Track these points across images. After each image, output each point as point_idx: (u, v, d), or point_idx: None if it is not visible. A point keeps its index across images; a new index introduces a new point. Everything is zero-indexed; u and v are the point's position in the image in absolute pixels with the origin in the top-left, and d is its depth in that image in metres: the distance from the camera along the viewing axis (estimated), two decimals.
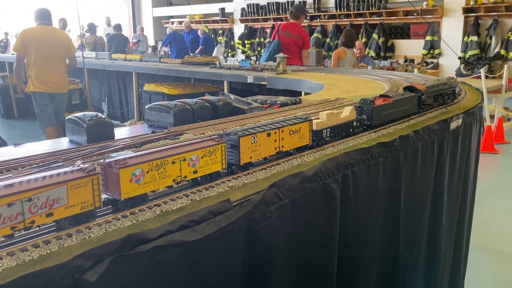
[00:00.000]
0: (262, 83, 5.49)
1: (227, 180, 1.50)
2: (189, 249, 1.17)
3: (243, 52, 16.58)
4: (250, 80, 5.61)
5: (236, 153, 1.54)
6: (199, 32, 13.71)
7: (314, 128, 1.87)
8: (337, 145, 1.95)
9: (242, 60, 6.43)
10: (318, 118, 1.93)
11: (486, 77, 8.51)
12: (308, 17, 14.34)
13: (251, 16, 16.22)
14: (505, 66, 8.92)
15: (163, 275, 1.12)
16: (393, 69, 8.72)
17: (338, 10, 14.00)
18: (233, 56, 16.65)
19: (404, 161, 2.13)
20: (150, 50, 15.18)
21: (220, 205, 1.30)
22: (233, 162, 1.55)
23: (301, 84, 4.90)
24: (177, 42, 11.88)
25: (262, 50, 15.85)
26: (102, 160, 1.24)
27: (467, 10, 11.78)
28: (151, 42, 19.14)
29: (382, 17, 13.25)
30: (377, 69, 7.45)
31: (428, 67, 12.03)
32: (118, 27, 13.39)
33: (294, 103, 3.05)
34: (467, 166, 2.95)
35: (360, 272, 1.98)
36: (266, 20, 15.88)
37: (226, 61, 7.06)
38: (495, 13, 11.48)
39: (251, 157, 1.59)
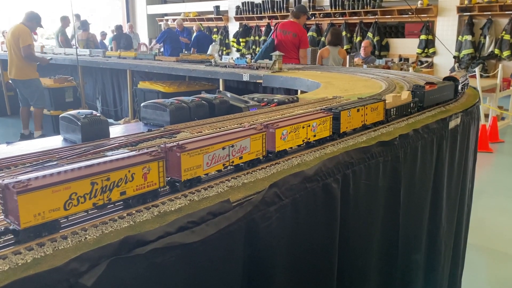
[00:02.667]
0: (257, 81, 5.45)
1: (226, 180, 1.46)
2: (188, 251, 1.13)
3: (238, 50, 16.53)
4: (245, 78, 5.57)
5: (337, 124, 1.94)
6: (194, 28, 13.63)
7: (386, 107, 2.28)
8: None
9: (237, 58, 6.39)
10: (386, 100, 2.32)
11: (481, 76, 8.53)
12: None
13: (246, 14, 16.16)
14: (500, 65, 8.95)
15: (161, 278, 1.09)
16: (388, 68, 8.70)
17: (333, 9, 13.99)
18: (227, 54, 16.59)
19: (403, 160, 2.11)
20: (144, 48, 15.06)
21: (220, 205, 1.26)
22: (333, 131, 1.96)
23: (297, 83, 4.86)
24: (171, 40, 11.79)
25: (257, 48, 15.81)
26: (258, 124, 1.64)
27: (461, 9, 11.81)
28: (145, 39, 19.03)
29: (377, 16, 13.26)
30: (372, 68, 7.43)
31: (423, 66, 12.04)
32: (119, 27, 13.39)
33: (291, 102, 3.02)
34: (465, 165, 2.94)
35: (360, 271, 1.95)
36: (261, 18, 15.83)
37: (221, 59, 7.00)
38: (489, 13, 11.52)
39: (346, 127, 2.01)
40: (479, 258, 4.22)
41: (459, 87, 3.12)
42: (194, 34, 13.28)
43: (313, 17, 14.46)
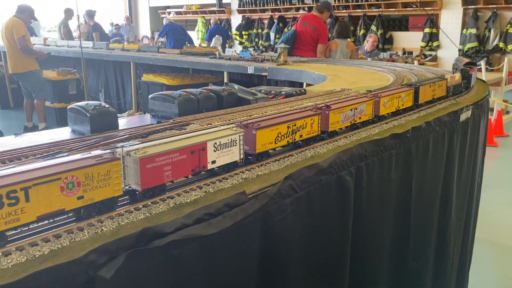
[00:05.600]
0: (262, 74, 5.42)
1: (240, 172, 1.45)
2: (205, 243, 1.12)
3: (241, 43, 16.45)
4: (250, 71, 5.53)
5: (416, 96, 2.44)
6: (211, 21, 13.68)
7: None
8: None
9: (242, 51, 6.34)
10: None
11: (486, 69, 8.48)
12: (306, 9, 14.24)
13: (249, 7, 16.06)
14: (505, 59, 8.89)
15: (179, 270, 1.07)
16: (393, 61, 8.66)
17: (336, 1, 13.89)
18: (230, 47, 16.51)
19: (415, 153, 2.09)
20: (146, 40, 15.00)
21: (236, 197, 1.24)
22: (414, 102, 2.47)
23: (302, 75, 4.83)
24: (174, 33, 11.71)
25: (260, 41, 15.73)
26: (369, 94, 2.23)
27: (466, 2, 11.70)
28: (147, 32, 18.96)
29: (380, 9, 13.16)
30: (377, 61, 7.39)
31: (427, 59, 11.97)
32: (92, 13, 12.32)
33: (299, 94, 2.99)
34: (475, 158, 2.91)
35: (372, 263, 1.94)
36: (263, 11, 15.73)
37: (224, 52, 6.96)
38: (494, 6, 11.42)
39: (422, 99, 2.51)
40: (485, 252, 4.21)
41: None
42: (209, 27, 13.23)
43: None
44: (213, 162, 1.33)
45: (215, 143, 1.33)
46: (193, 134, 1.33)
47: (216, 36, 10.30)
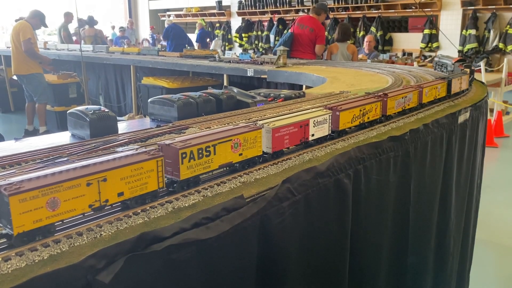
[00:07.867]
0: (262, 76, 5.43)
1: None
2: (203, 247, 1.13)
3: (240, 45, 16.47)
4: (250, 73, 5.54)
5: (449, 88, 2.84)
6: (197, 26, 13.68)
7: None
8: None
9: (241, 53, 6.36)
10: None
11: (485, 70, 8.48)
12: (306, 11, 14.26)
13: (249, 9, 16.10)
14: (505, 60, 8.89)
15: (177, 275, 1.08)
16: (393, 63, 8.66)
17: (336, 3, 13.91)
18: (230, 49, 16.54)
19: (414, 155, 2.09)
20: (146, 44, 15.04)
21: (234, 201, 1.25)
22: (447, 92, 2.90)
23: (302, 78, 4.84)
24: (175, 35, 11.73)
25: (260, 43, 15.75)
26: (414, 85, 2.62)
27: (465, 3, 11.72)
28: (147, 35, 18.98)
29: (380, 10, 13.18)
30: (377, 63, 7.39)
31: (427, 60, 11.96)
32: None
33: (298, 97, 3.00)
34: (474, 160, 2.92)
35: (371, 266, 1.94)
36: (263, 13, 15.76)
37: (223, 54, 6.97)
38: (494, 6, 11.43)
39: (453, 90, 2.88)
40: (486, 253, 4.21)
41: None
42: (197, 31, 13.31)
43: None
44: (312, 135, 1.74)
45: (314, 121, 1.73)
46: (299, 113, 1.76)
47: (216, 38, 10.32)
